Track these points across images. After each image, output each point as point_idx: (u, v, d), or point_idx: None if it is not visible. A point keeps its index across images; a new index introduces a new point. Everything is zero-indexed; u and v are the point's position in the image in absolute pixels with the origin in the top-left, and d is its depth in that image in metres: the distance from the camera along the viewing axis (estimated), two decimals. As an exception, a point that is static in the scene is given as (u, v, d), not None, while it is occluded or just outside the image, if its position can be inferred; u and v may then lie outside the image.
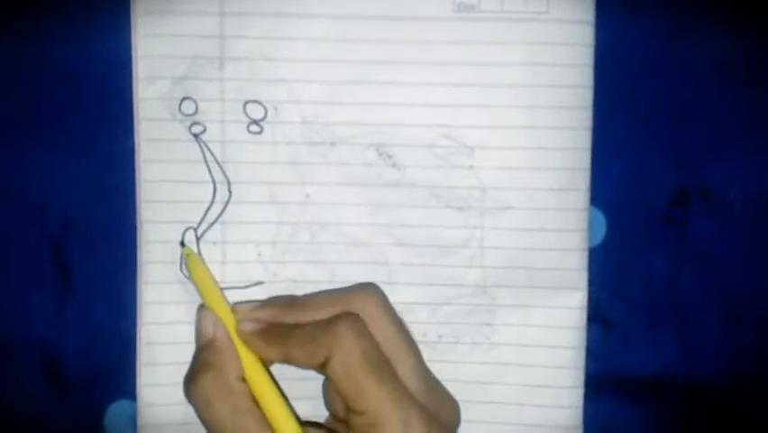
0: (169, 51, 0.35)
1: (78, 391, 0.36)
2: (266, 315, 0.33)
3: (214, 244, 0.36)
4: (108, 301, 0.36)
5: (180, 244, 0.35)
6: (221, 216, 0.36)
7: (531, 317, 0.36)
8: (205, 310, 0.34)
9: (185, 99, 0.35)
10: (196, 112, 0.35)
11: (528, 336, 0.36)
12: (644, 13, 0.36)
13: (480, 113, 0.36)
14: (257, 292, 0.36)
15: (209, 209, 0.36)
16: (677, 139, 0.36)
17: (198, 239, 0.36)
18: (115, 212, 0.36)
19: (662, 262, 0.37)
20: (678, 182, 0.37)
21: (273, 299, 0.34)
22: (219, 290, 0.34)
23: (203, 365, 0.32)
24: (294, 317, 0.33)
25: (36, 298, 0.36)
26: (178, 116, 0.35)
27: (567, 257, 0.36)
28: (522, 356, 0.36)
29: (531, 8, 0.35)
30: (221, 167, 0.35)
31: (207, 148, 0.35)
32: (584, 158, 0.36)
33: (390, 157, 0.36)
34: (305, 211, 0.36)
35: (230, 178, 0.36)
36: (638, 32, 0.36)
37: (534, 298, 0.36)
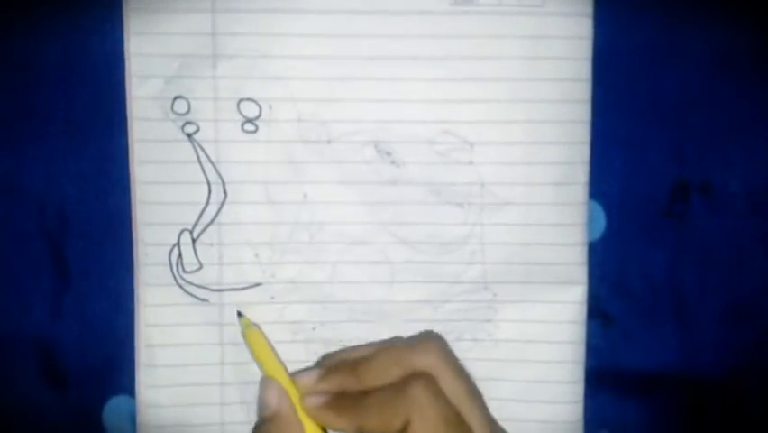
0: (161, 50, 0.34)
1: (76, 388, 0.36)
2: (330, 386, 0.32)
3: (211, 245, 0.35)
4: (105, 297, 0.36)
5: (238, 314, 0.35)
6: (217, 217, 0.35)
7: (531, 313, 0.36)
8: (270, 381, 0.33)
9: (177, 98, 0.34)
10: (189, 111, 0.34)
11: (529, 331, 0.36)
12: (642, 5, 0.36)
13: (479, 108, 0.35)
14: (255, 294, 0.36)
15: (205, 210, 0.35)
16: (677, 133, 0.36)
17: (194, 241, 0.35)
18: (112, 209, 0.35)
19: (662, 256, 0.37)
20: (678, 176, 0.36)
21: (333, 366, 0.33)
22: (280, 362, 0.33)
23: None
24: (359, 384, 0.32)
25: (33, 294, 0.36)
26: (171, 116, 0.34)
27: (567, 252, 0.36)
28: (522, 352, 0.36)
29: (528, 1, 0.35)
30: (215, 167, 0.35)
31: (201, 148, 0.35)
32: (583, 152, 0.36)
33: (389, 154, 0.35)
34: (302, 211, 0.35)
35: (225, 178, 0.35)
36: (636, 24, 0.36)
37: (535, 293, 0.36)
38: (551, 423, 0.37)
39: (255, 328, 0.35)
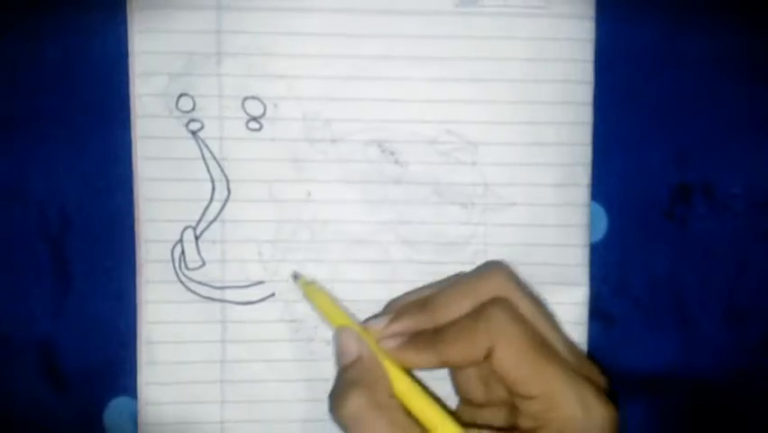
0: (166, 47, 0.34)
1: (78, 388, 0.36)
2: (404, 327, 0.32)
3: (214, 242, 0.35)
4: (107, 298, 0.36)
5: (293, 276, 0.35)
6: (220, 214, 0.35)
7: None
8: (345, 329, 0.32)
9: (182, 96, 0.34)
10: (194, 108, 0.34)
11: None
12: (644, 8, 0.36)
13: (482, 108, 0.35)
14: (258, 292, 0.36)
15: (208, 208, 0.35)
16: (678, 134, 0.36)
17: (197, 238, 0.35)
18: (114, 207, 0.35)
19: (663, 257, 0.37)
20: (680, 178, 0.37)
21: (403, 308, 0.33)
22: (347, 313, 0.33)
23: (351, 383, 0.30)
24: (433, 321, 0.31)
25: (34, 295, 0.36)
26: (176, 113, 0.34)
27: (569, 253, 0.36)
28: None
29: (532, 3, 0.35)
30: (219, 164, 0.35)
31: (206, 145, 0.35)
32: (585, 153, 0.36)
33: (392, 154, 0.35)
34: (305, 209, 0.35)
35: (229, 175, 0.35)
36: (639, 27, 0.36)
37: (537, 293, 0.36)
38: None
39: (315, 285, 0.34)
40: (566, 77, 0.35)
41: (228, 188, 0.35)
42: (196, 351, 0.36)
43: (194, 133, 0.35)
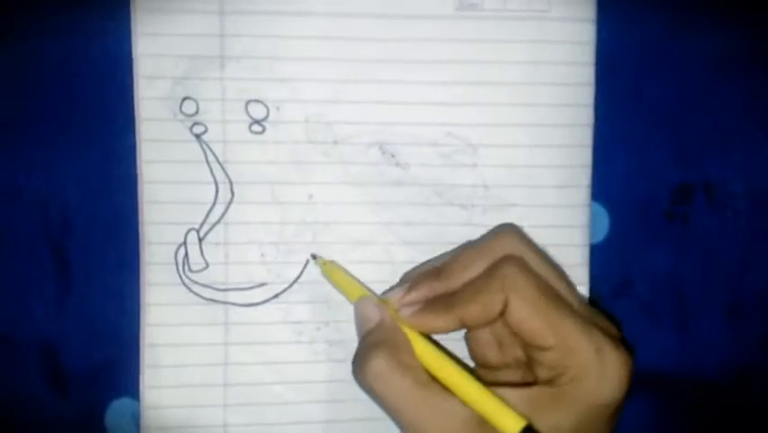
0: (170, 51, 0.34)
1: (79, 390, 0.36)
2: (420, 295, 0.32)
3: (217, 244, 0.35)
4: (109, 299, 0.36)
5: (312, 257, 0.35)
6: (223, 216, 0.35)
7: None
8: (364, 299, 0.33)
9: (186, 99, 0.35)
10: (198, 112, 0.35)
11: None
12: (644, 10, 0.36)
13: (483, 111, 0.36)
14: (261, 294, 0.36)
15: (211, 210, 0.35)
16: (679, 134, 0.37)
17: (201, 240, 0.35)
18: (117, 211, 0.35)
19: (665, 257, 0.37)
20: (681, 178, 0.37)
21: (417, 278, 0.33)
22: (366, 288, 0.34)
23: (374, 345, 0.31)
24: (448, 285, 0.32)
25: (37, 296, 0.36)
26: (179, 116, 0.35)
27: (569, 253, 0.36)
28: (527, 353, 0.37)
29: (533, 6, 0.35)
30: (223, 167, 0.35)
31: (209, 148, 0.35)
32: (586, 155, 0.36)
33: (393, 156, 0.36)
34: (308, 211, 0.36)
35: (232, 178, 0.35)
36: (639, 29, 0.36)
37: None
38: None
39: (332, 264, 0.35)
40: (567, 79, 0.36)
41: (231, 191, 0.35)
42: (198, 353, 0.36)
43: (197, 136, 0.35)
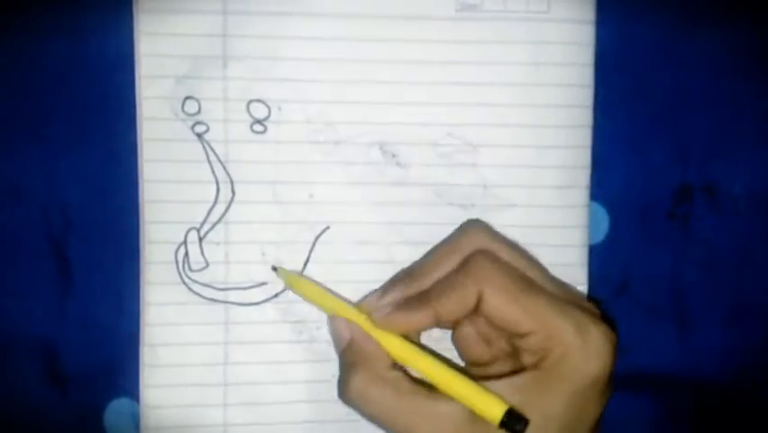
0: (172, 50, 0.34)
1: (79, 389, 0.36)
2: (393, 297, 0.33)
3: (218, 244, 0.36)
4: (109, 299, 0.36)
5: (273, 268, 0.35)
6: (224, 215, 0.36)
7: None
8: (335, 317, 0.33)
9: (188, 99, 0.35)
10: (199, 111, 0.35)
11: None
12: (644, 11, 0.36)
13: (483, 111, 0.36)
14: (261, 293, 0.36)
15: (212, 209, 0.35)
16: (680, 135, 0.37)
17: (201, 239, 0.35)
18: (117, 211, 0.35)
19: (665, 258, 0.37)
20: (681, 179, 0.37)
21: (389, 282, 0.34)
22: (335, 297, 0.34)
23: (349, 366, 0.32)
24: (420, 286, 0.32)
25: (37, 296, 0.36)
26: (181, 116, 0.35)
27: (568, 253, 0.36)
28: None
29: (532, 8, 0.35)
30: (224, 166, 0.35)
31: (211, 147, 0.35)
32: (585, 156, 0.36)
33: (394, 156, 0.36)
34: (309, 210, 0.36)
35: (233, 177, 0.35)
36: (638, 30, 0.36)
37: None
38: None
39: (299, 277, 0.35)
40: (566, 80, 0.36)
41: (232, 190, 0.35)
42: (198, 353, 0.36)
43: (199, 135, 0.35)
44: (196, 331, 0.36)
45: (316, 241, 0.36)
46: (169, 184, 0.35)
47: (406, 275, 0.33)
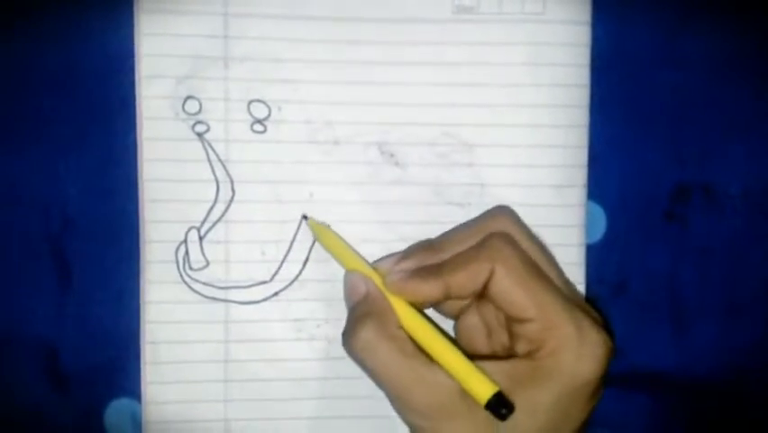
0: (173, 50, 0.35)
1: (79, 389, 0.36)
2: (411, 264, 0.33)
3: (218, 243, 0.36)
4: (109, 299, 0.36)
5: (303, 217, 0.36)
6: (224, 215, 0.36)
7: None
8: (353, 272, 0.34)
9: (188, 98, 0.35)
10: (200, 111, 0.35)
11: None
12: (639, 12, 0.37)
13: (479, 112, 0.36)
14: (261, 292, 0.36)
15: (212, 208, 0.36)
16: (677, 135, 0.37)
17: (201, 238, 0.36)
18: (118, 210, 0.36)
19: (662, 257, 0.37)
20: (678, 178, 0.37)
21: (410, 249, 0.34)
22: (356, 253, 0.35)
23: (361, 317, 0.32)
24: (439, 258, 0.33)
25: (37, 296, 0.36)
26: (182, 115, 0.35)
27: (565, 252, 0.36)
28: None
29: (528, 9, 0.36)
30: (224, 166, 0.36)
31: (211, 147, 0.36)
32: (581, 155, 0.36)
33: (392, 155, 0.36)
34: (308, 209, 0.36)
35: (233, 177, 0.36)
36: (634, 31, 0.37)
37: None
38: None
39: (326, 228, 0.35)
40: (562, 81, 0.36)
41: (232, 189, 0.36)
42: (199, 351, 0.36)
43: (199, 135, 0.36)
44: (196, 329, 0.36)
45: (316, 240, 0.36)
46: (169, 183, 0.36)
47: (426, 246, 0.34)
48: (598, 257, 0.37)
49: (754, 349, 0.37)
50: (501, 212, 0.34)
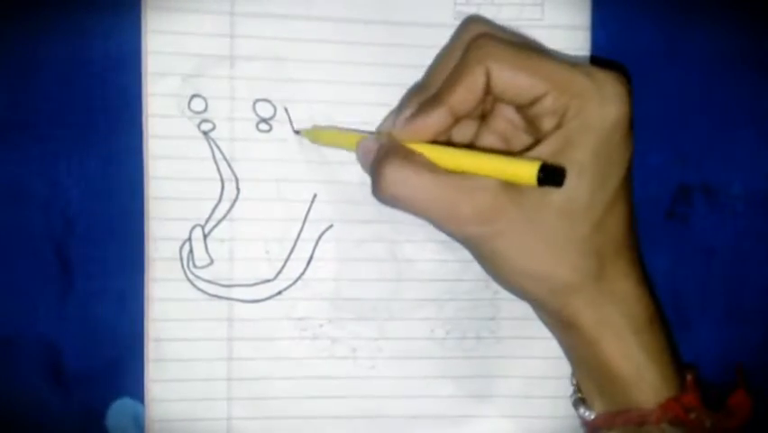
0: (179, 48, 0.35)
1: (81, 389, 0.36)
2: (409, 110, 0.32)
3: (222, 241, 0.36)
4: (112, 298, 0.36)
5: (295, 132, 0.36)
6: (229, 213, 0.36)
7: (532, 310, 0.36)
8: (363, 140, 0.34)
9: (195, 97, 0.36)
10: (206, 109, 0.36)
11: (530, 327, 0.36)
12: (638, 16, 0.37)
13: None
14: (265, 290, 0.36)
15: (217, 206, 0.36)
16: (679, 135, 0.37)
17: (206, 236, 0.36)
18: (121, 206, 0.36)
19: (664, 257, 0.37)
20: (680, 179, 0.37)
21: (403, 99, 0.35)
22: (357, 132, 0.35)
23: (380, 160, 0.31)
24: (432, 89, 0.32)
25: (40, 295, 0.36)
26: (188, 113, 0.36)
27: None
28: (525, 349, 0.37)
29: (527, 15, 0.36)
30: (229, 164, 0.36)
31: (216, 145, 0.36)
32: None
33: (396, 155, 0.37)
34: (313, 208, 0.36)
35: (238, 175, 0.36)
36: (633, 33, 0.37)
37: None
38: (553, 419, 0.37)
39: (318, 129, 0.36)
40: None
41: (237, 188, 0.36)
42: (203, 349, 0.36)
43: (205, 133, 0.36)
44: (200, 327, 0.36)
45: (320, 239, 0.36)
46: (174, 181, 0.36)
47: (416, 89, 0.34)
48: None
49: (756, 349, 0.37)
50: (471, 21, 0.34)
